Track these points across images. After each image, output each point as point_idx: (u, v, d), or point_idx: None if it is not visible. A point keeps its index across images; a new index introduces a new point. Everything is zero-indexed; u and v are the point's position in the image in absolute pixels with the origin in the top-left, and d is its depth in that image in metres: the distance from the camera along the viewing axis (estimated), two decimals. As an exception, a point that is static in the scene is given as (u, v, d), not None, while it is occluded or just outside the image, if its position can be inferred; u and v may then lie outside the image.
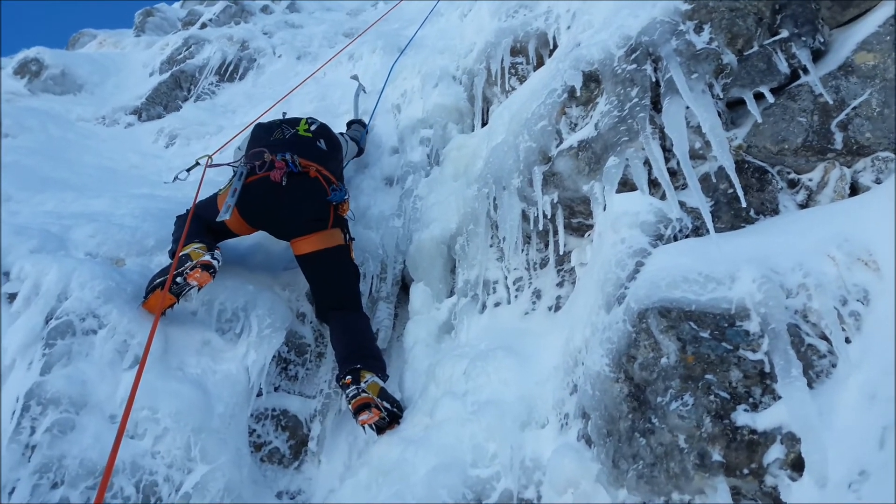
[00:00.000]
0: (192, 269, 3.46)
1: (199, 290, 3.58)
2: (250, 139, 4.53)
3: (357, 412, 3.22)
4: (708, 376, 1.88)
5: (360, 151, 5.55)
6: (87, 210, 4.57)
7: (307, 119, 4.64)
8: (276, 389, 3.71)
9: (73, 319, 3.27)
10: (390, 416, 3.31)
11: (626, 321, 2.13)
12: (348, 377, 3.36)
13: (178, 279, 3.43)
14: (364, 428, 3.36)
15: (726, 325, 1.95)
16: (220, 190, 4.07)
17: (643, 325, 2.06)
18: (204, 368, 3.48)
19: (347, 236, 4.02)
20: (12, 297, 3.37)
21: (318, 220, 3.84)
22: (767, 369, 1.85)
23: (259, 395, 3.55)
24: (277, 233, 4.01)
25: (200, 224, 3.91)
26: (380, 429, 3.33)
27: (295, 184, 3.85)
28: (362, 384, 3.30)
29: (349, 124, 5.79)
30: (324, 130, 4.58)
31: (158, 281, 3.49)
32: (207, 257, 3.54)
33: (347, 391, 3.33)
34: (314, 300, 4.02)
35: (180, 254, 3.51)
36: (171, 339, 3.52)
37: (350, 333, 3.66)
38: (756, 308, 1.92)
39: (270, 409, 3.59)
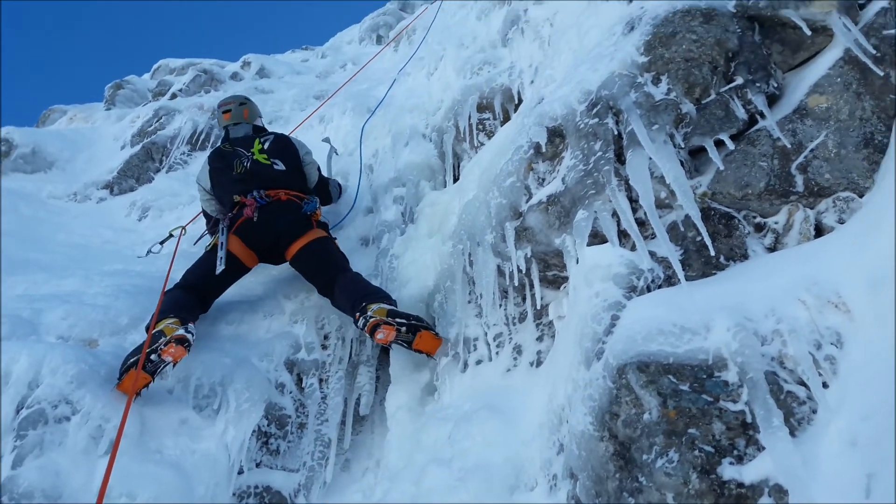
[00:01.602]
0: (165, 345, 3.41)
1: (174, 365, 3.52)
2: (210, 172, 4.84)
3: (371, 335, 3.52)
4: (691, 430, 1.86)
5: (329, 197, 5.54)
6: (58, 291, 4.50)
7: (259, 139, 4.93)
8: (257, 465, 3.61)
9: (45, 407, 3.19)
10: (411, 329, 3.52)
11: (605, 377, 2.11)
12: (357, 314, 3.66)
13: (153, 356, 3.37)
14: (391, 350, 3.78)
15: (705, 376, 1.93)
16: (207, 246, 4.46)
17: (623, 380, 2.04)
18: (182, 449, 3.39)
19: (330, 234, 4.61)
20: (-19, 387, 3.28)
21: (302, 227, 4.38)
22: (749, 419, 1.83)
23: (240, 472, 3.46)
24: (275, 253, 4.44)
25: (182, 292, 4.03)
26: (409, 344, 3.54)
27: (271, 211, 4.39)
28: (368, 313, 3.58)
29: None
30: (278, 146, 4.93)
31: (132, 360, 3.43)
32: (181, 331, 3.51)
33: (358, 325, 3.65)
34: (314, 284, 4.28)
35: (153, 331, 3.47)
36: (147, 420, 3.43)
37: (350, 286, 3.98)
38: (733, 357, 1.91)
39: (253, 487, 3.49)
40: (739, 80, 2.67)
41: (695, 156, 2.74)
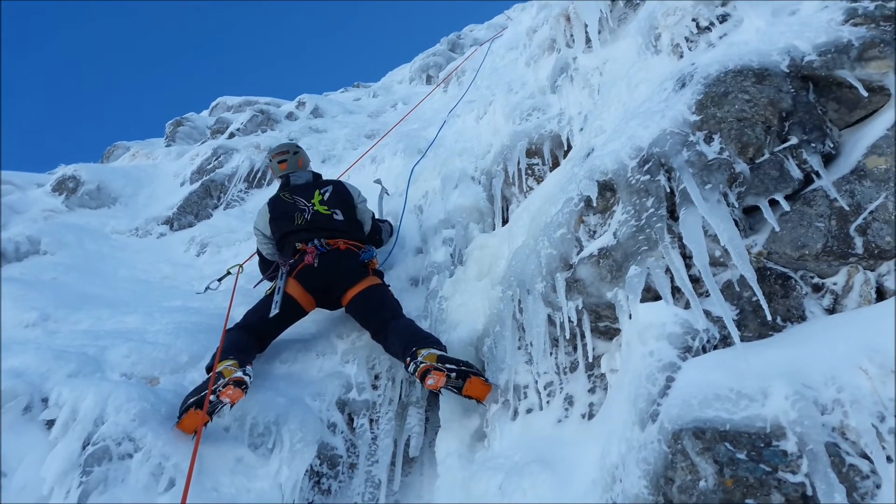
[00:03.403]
0: (224, 387, 3.53)
1: (231, 406, 3.63)
2: (270, 221, 5.03)
3: (422, 381, 3.56)
4: (749, 501, 1.85)
5: (380, 241, 5.61)
6: (121, 328, 4.70)
7: (319, 190, 5.01)
8: (309, 505, 3.67)
9: (109, 444, 3.32)
10: (460, 374, 3.58)
11: (660, 441, 2.11)
12: (407, 359, 3.73)
13: (212, 397, 3.49)
14: (440, 395, 3.79)
15: (763, 445, 1.92)
16: (268, 290, 4.60)
17: (678, 446, 2.04)
18: (238, 488, 3.47)
19: (384, 282, 4.71)
20: (50, 423, 3.45)
21: (359, 274, 4.53)
22: (810, 492, 1.81)
23: (293, 512, 3.52)
24: (332, 298, 4.57)
25: (242, 333, 4.18)
26: (459, 390, 3.61)
27: (331, 258, 4.55)
28: (419, 358, 3.64)
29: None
30: (337, 196, 5.09)
31: (192, 401, 3.56)
32: (239, 373, 3.64)
33: (409, 370, 3.71)
34: (368, 329, 4.39)
35: (214, 372, 3.60)
36: (205, 458, 3.53)
37: (401, 331, 4.04)
38: (791, 427, 1.90)
39: (304, 528, 3.54)
40: (794, 140, 2.68)
41: (749, 213, 2.74)
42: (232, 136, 10.44)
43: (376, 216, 6.31)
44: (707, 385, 2.10)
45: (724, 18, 3.47)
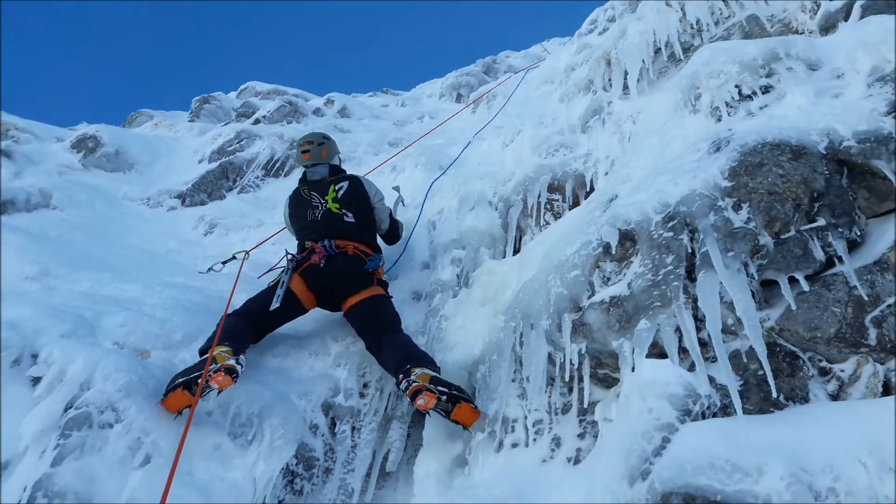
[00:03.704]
0: (215, 372, 3.52)
1: (218, 393, 3.61)
2: (288, 215, 5.19)
3: (412, 399, 3.54)
4: (731, 577, 1.83)
5: (397, 237, 5.68)
6: (120, 295, 4.68)
7: (335, 186, 5.03)
8: (279, 503, 3.63)
9: (91, 411, 3.30)
10: (451, 398, 3.55)
11: (648, 501, 2.10)
12: (400, 376, 3.71)
13: (199, 381, 3.47)
14: (427, 416, 3.73)
15: (752, 522, 1.91)
16: (272, 282, 4.59)
17: (667, 508, 2.03)
18: (212, 475, 3.44)
19: (388, 293, 4.72)
20: (36, 380, 3.43)
21: (363, 282, 4.51)
22: (794, 578, 1.79)
23: (262, 508, 3.48)
24: (332, 300, 4.57)
25: (240, 321, 4.18)
26: (448, 413, 3.56)
27: (337, 262, 4.56)
28: (412, 377, 3.63)
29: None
30: (352, 194, 5.07)
31: (180, 381, 3.54)
32: (232, 361, 3.63)
33: (400, 387, 3.69)
34: (363, 338, 4.36)
35: (210, 356, 3.59)
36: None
37: (397, 347, 4.02)
38: (784, 509, 1.89)
39: (272, 527, 3.50)
40: (822, 222, 2.69)
41: (766, 286, 2.75)
42: (257, 122, 10.48)
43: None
44: (703, 452, 2.09)
45: (766, 90, 3.50)
